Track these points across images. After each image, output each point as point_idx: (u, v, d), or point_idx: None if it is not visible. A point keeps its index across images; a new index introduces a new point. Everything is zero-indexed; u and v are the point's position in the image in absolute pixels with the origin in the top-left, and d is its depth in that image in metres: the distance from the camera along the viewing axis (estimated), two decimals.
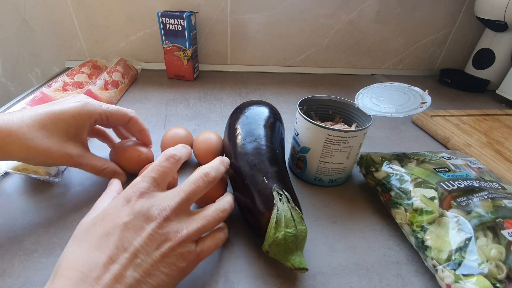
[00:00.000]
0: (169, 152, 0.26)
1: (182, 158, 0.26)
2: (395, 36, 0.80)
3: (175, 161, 0.25)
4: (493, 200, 0.28)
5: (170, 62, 0.67)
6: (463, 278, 0.23)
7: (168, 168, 0.25)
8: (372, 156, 0.37)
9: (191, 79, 0.69)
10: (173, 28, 0.62)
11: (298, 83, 0.74)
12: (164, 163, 0.25)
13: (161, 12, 0.61)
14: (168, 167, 0.25)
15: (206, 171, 0.26)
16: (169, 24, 0.61)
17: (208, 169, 0.26)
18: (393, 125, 0.56)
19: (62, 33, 0.69)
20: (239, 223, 0.31)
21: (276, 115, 0.38)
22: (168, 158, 0.25)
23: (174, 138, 0.38)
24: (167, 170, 0.24)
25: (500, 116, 0.59)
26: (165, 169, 0.24)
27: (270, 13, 0.72)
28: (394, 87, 0.38)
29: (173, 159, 0.25)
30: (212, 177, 0.26)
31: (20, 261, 0.26)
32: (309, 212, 0.34)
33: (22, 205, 0.32)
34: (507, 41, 0.71)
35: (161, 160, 0.25)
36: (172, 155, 0.25)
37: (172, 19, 0.61)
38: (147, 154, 0.36)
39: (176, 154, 0.26)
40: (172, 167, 0.25)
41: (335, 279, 0.26)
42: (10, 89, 0.77)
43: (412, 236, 0.29)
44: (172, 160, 0.25)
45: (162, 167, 0.24)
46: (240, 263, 0.27)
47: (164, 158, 0.25)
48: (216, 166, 0.27)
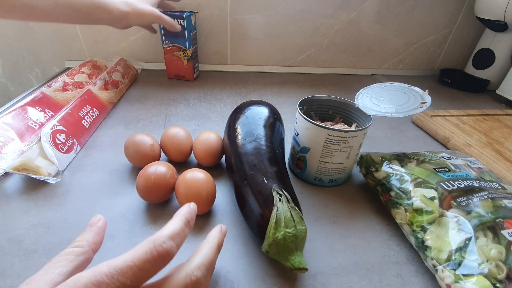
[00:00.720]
0: (160, 242, 0.17)
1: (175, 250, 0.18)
2: (395, 36, 0.80)
3: (165, 259, 0.17)
4: (493, 200, 0.28)
5: (170, 62, 0.67)
6: (463, 278, 0.23)
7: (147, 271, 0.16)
8: (372, 156, 0.37)
9: (191, 79, 0.69)
10: None
11: (298, 83, 0.74)
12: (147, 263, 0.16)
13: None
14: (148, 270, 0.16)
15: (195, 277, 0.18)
16: None
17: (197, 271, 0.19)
18: (393, 125, 0.56)
19: (62, 33, 0.69)
20: (239, 223, 0.31)
21: (276, 115, 0.38)
22: (156, 254, 0.17)
23: (173, 139, 0.38)
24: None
25: (500, 116, 0.59)
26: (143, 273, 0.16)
27: (270, 13, 0.72)
28: (394, 87, 0.38)
29: (165, 255, 0.17)
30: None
31: (20, 261, 0.26)
32: (309, 212, 0.34)
33: (22, 205, 0.32)
34: (507, 41, 0.71)
35: (143, 257, 0.16)
36: (164, 250, 0.17)
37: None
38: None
39: (169, 247, 0.17)
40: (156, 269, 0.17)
41: (335, 279, 0.26)
42: (10, 89, 0.77)
43: (412, 236, 0.29)
44: (161, 258, 0.17)
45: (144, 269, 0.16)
46: (240, 263, 0.27)
47: (150, 254, 0.16)
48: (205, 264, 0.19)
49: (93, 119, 0.45)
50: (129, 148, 0.36)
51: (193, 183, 0.30)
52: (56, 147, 0.36)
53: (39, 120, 0.41)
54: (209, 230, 0.30)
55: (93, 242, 0.19)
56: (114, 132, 0.46)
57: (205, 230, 0.30)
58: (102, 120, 0.49)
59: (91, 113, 0.45)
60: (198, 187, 0.30)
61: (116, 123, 0.49)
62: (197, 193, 0.30)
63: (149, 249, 0.16)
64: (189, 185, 0.30)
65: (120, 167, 0.38)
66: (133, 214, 0.31)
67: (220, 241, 0.23)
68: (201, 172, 0.31)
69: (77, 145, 0.40)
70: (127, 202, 0.33)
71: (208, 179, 0.31)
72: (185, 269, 0.18)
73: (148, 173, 0.31)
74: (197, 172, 0.31)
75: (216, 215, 0.32)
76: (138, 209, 0.32)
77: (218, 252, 0.22)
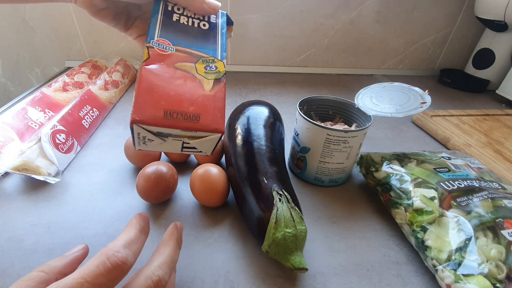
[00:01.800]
0: (113, 254, 0.16)
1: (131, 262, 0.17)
2: (395, 36, 0.80)
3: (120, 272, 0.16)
4: (493, 200, 0.28)
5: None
6: (463, 278, 0.23)
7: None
8: (372, 156, 0.37)
9: None
10: None
11: (298, 83, 0.74)
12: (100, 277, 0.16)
13: None
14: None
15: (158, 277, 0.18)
16: None
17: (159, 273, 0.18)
18: (393, 125, 0.56)
19: (62, 33, 0.69)
20: (239, 223, 0.31)
21: (275, 115, 0.38)
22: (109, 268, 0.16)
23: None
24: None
25: (500, 116, 0.59)
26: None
27: (270, 13, 0.72)
28: (394, 87, 0.38)
29: (121, 265, 0.16)
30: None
31: (20, 261, 0.26)
32: (309, 212, 0.34)
33: (22, 205, 0.32)
34: (507, 41, 0.71)
35: (95, 271, 0.16)
36: (117, 263, 0.16)
37: None
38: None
39: (124, 256, 0.17)
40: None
41: (335, 279, 0.26)
42: (10, 89, 0.77)
43: (412, 236, 0.29)
44: (115, 272, 0.16)
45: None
46: (240, 263, 0.27)
47: (103, 267, 0.16)
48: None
49: (93, 119, 0.45)
50: (129, 148, 0.36)
51: (208, 178, 0.31)
52: (56, 147, 0.36)
53: (39, 120, 0.41)
54: (226, 222, 0.31)
55: (59, 272, 0.18)
56: (114, 132, 0.46)
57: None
58: (102, 120, 0.49)
59: (91, 113, 0.45)
60: (213, 181, 0.31)
61: (116, 123, 0.49)
62: (213, 187, 0.31)
63: (101, 262, 0.16)
64: (204, 180, 0.31)
65: (120, 167, 0.38)
66: (133, 214, 0.31)
67: (178, 237, 0.22)
68: (213, 167, 0.32)
69: (77, 145, 0.40)
70: (127, 202, 0.33)
71: (221, 173, 0.32)
72: (145, 272, 0.18)
73: (148, 173, 0.31)
74: (210, 166, 0.32)
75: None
76: (138, 209, 0.32)
77: (179, 248, 0.21)
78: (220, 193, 0.31)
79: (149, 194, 0.31)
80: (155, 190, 0.31)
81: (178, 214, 0.32)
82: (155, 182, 0.30)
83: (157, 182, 0.30)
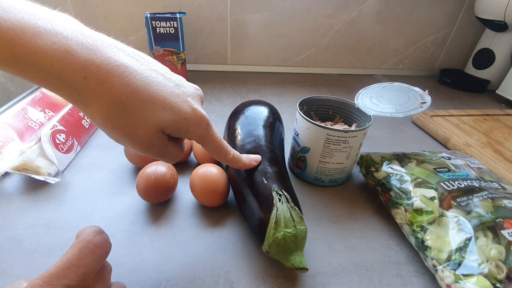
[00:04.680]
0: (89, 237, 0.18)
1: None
2: (395, 36, 0.80)
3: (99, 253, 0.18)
4: (493, 200, 0.28)
5: None
6: (463, 278, 0.23)
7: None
8: (372, 156, 0.37)
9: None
10: (164, 32, 0.58)
11: (298, 83, 0.74)
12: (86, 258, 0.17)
13: (150, 15, 0.56)
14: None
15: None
16: (160, 28, 0.57)
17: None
18: (393, 125, 0.56)
19: None
20: (239, 223, 0.31)
21: (275, 115, 0.38)
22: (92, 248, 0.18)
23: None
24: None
25: (500, 116, 0.59)
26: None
27: (270, 13, 0.72)
28: (394, 87, 0.38)
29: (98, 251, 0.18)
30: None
31: (20, 261, 0.26)
32: (309, 212, 0.34)
33: (22, 205, 0.32)
34: (507, 41, 0.71)
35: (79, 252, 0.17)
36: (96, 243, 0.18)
37: (163, 21, 0.57)
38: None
39: (105, 236, 0.19)
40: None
41: (335, 279, 0.26)
42: (10, 89, 0.77)
43: (412, 236, 0.29)
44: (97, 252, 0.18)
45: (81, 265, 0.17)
46: (240, 263, 0.27)
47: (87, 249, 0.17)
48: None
49: None
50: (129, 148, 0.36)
51: (208, 178, 0.31)
52: (56, 147, 0.36)
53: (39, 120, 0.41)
54: (226, 222, 0.31)
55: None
56: None
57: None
58: None
59: None
60: (213, 181, 0.31)
61: None
62: (213, 187, 0.31)
63: (83, 246, 0.17)
64: (204, 180, 0.31)
65: (120, 167, 0.38)
66: (133, 214, 0.31)
67: (93, 239, 0.19)
68: (213, 167, 0.32)
69: (77, 145, 0.40)
70: (127, 202, 0.33)
71: (221, 172, 0.32)
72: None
73: (148, 173, 0.31)
74: (210, 166, 0.32)
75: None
76: (138, 209, 0.32)
77: (90, 251, 0.18)
78: (220, 193, 0.31)
79: (149, 194, 0.31)
80: (155, 190, 0.31)
81: (178, 214, 0.32)
82: (155, 182, 0.30)
83: (157, 182, 0.30)
